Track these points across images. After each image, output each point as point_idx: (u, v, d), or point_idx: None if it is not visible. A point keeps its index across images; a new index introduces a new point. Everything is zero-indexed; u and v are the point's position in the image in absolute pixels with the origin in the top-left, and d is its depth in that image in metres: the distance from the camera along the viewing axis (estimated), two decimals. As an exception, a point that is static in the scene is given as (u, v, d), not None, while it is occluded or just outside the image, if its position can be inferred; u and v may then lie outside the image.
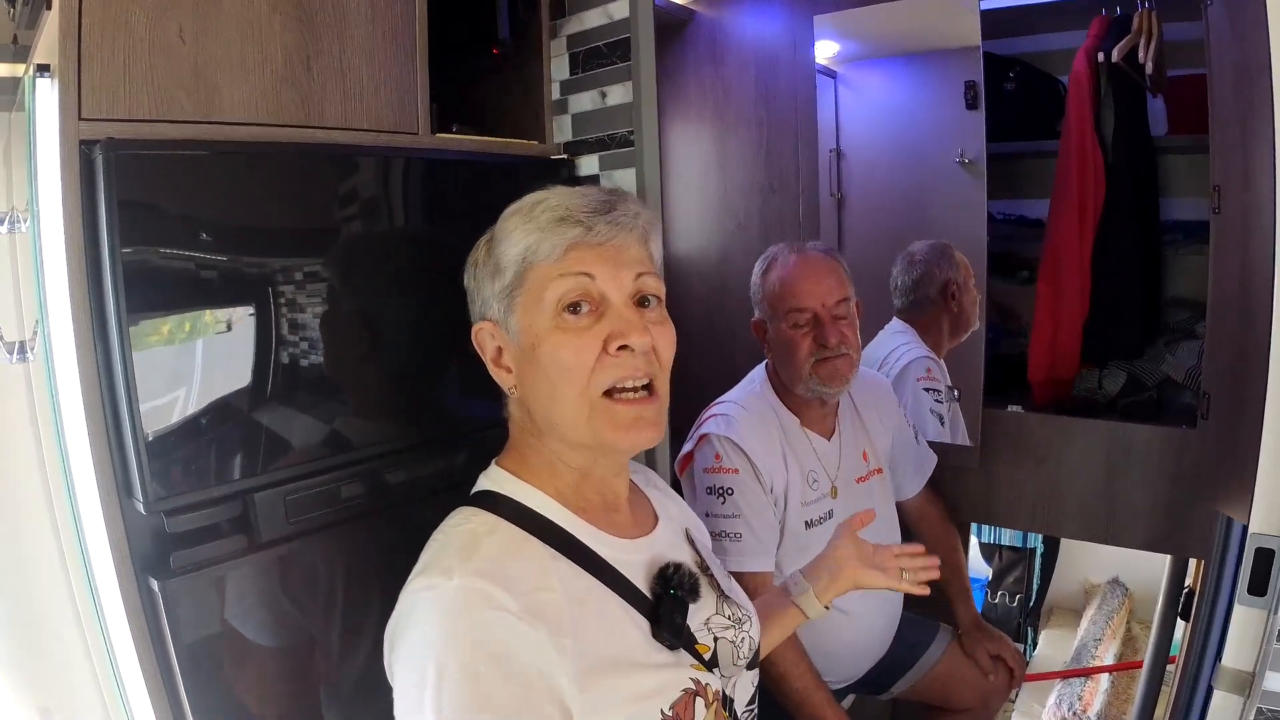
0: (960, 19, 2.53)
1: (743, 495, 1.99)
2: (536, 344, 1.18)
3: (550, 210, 1.19)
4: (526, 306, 1.19)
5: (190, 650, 1.33)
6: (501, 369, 1.25)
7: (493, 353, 1.25)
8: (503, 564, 1.11)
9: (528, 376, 1.21)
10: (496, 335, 1.24)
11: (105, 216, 1.22)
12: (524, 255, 1.19)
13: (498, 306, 1.22)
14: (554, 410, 1.19)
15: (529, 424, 1.25)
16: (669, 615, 1.23)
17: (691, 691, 1.20)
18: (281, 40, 1.45)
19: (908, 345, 2.65)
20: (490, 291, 1.23)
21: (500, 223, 1.24)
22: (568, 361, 1.17)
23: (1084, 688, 3.28)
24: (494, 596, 1.06)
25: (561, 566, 1.17)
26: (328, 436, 1.49)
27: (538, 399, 1.21)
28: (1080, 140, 2.55)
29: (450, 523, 1.21)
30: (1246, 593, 1.51)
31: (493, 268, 1.22)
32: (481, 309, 1.26)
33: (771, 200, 2.92)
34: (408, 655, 1.07)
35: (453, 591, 1.06)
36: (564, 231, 1.17)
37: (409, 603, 1.10)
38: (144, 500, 1.28)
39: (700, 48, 3.00)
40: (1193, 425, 2.23)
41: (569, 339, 1.17)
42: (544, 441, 1.24)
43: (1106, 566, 3.98)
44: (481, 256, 1.26)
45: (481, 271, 1.25)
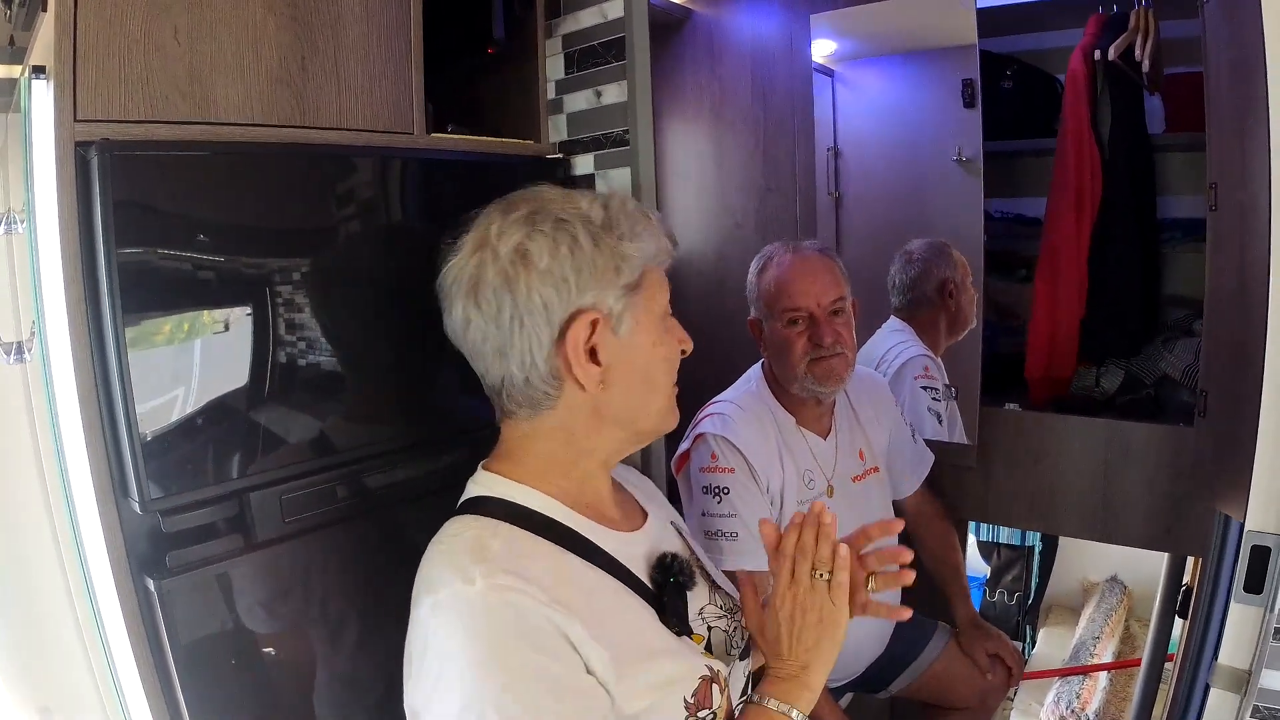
0: (957, 17, 2.53)
1: (739, 494, 1.99)
2: (655, 341, 1.25)
3: (662, 221, 1.28)
4: (645, 307, 1.22)
5: (187, 649, 1.34)
6: (591, 364, 1.19)
7: (586, 347, 1.18)
8: (518, 563, 1.11)
9: (625, 374, 1.22)
10: (599, 328, 1.18)
11: (100, 217, 1.23)
12: (651, 256, 1.23)
13: (614, 300, 1.19)
14: (647, 403, 1.26)
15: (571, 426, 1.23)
16: (674, 602, 1.26)
17: (708, 678, 1.22)
18: (276, 40, 1.45)
19: (905, 344, 2.65)
20: (604, 283, 1.18)
21: (602, 216, 1.20)
22: (672, 359, 1.29)
23: (1082, 686, 3.28)
24: (525, 590, 1.07)
25: (572, 562, 1.19)
26: (323, 436, 1.49)
27: (632, 396, 1.24)
28: (1077, 138, 2.55)
29: (449, 532, 1.19)
30: (1243, 590, 1.51)
31: (612, 261, 1.18)
32: (573, 301, 1.17)
33: (769, 199, 2.92)
34: (450, 669, 1.05)
35: (481, 594, 1.06)
36: (673, 247, 1.29)
37: (435, 619, 1.08)
38: (140, 500, 1.29)
39: (697, 47, 3.01)
40: (1190, 423, 2.23)
41: (671, 339, 1.28)
42: (573, 444, 1.25)
43: (1105, 564, 3.97)
44: (582, 246, 1.17)
45: (581, 260, 1.17)
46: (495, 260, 1.16)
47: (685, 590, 1.29)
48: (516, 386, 1.20)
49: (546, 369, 1.18)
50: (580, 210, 1.20)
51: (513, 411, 1.24)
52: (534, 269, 1.15)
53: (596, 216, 1.19)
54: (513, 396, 1.22)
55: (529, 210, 1.19)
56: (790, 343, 2.03)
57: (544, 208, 1.19)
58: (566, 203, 1.21)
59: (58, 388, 1.37)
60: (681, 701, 1.18)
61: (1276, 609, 1.48)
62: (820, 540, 1.28)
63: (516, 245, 1.16)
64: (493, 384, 1.23)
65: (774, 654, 1.26)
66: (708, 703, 1.21)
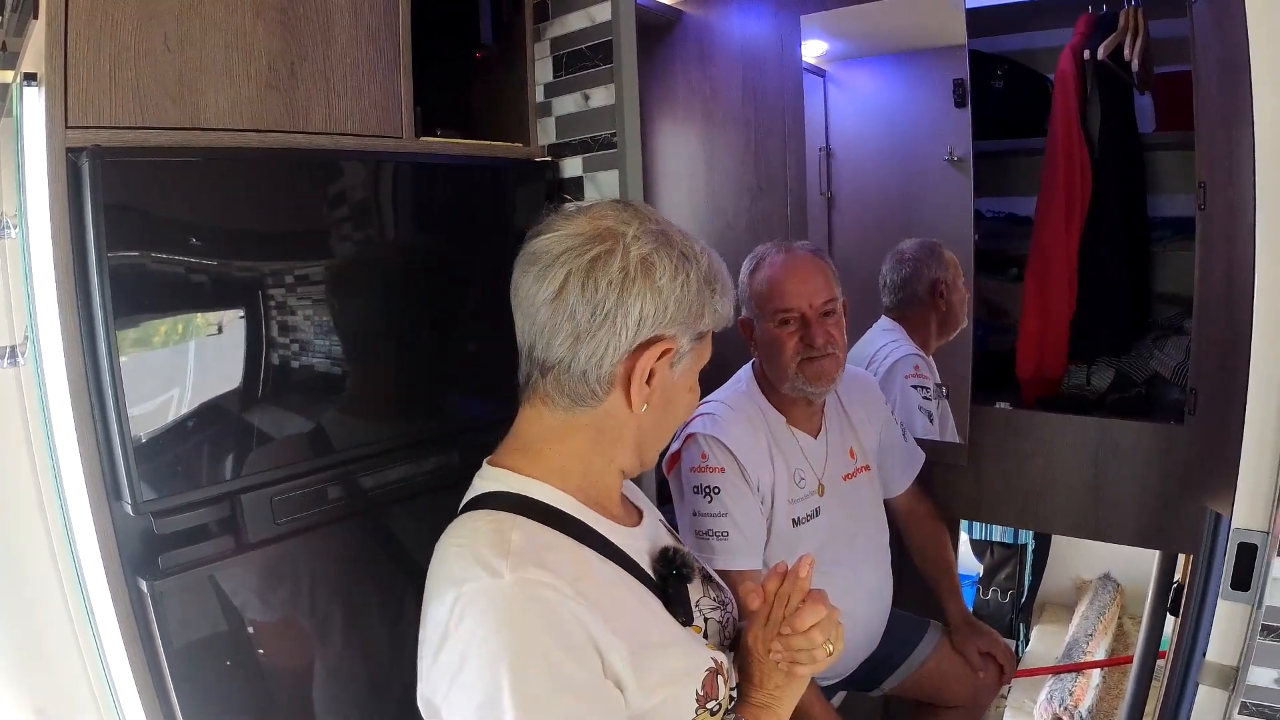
0: (947, 17, 2.53)
1: (729, 494, 1.99)
2: (690, 388, 1.31)
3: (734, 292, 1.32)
4: (697, 357, 1.28)
5: (179, 650, 1.35)
6: (645, 386, 1.22)
7: (649, 370, 1.21)
8: (541, 555, 1.12)
9: (663, 406, 1.27)
10: (666, 357, 1.22)
11: (92, 223, 1.24)
12: (721, 319, 1.29)
13: (687, 341, 1.23)
14: (660, 437, 1.34)
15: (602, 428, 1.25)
16: (678, 593, 1.30)
17: (714, 670, 1.24)
18: (265, 46, 1.46)
19: (896, 343, 2.66)
20: (688, 322, 1.22)
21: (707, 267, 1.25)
22: (692, 409, 1.38)
23: (1075, 683, 3.29)
24: (552, 584, 1.08)
25: (587, 555, 1.20)
26: (314, 438, 1.50)
27: (658, 427, 1.31)
28: (1067, 137, 2.55)
29: (465, 528, 1.19)
30: (1230, 588, 1.52)
31: (703, 308, 1.24)
32: (660, 325, 1.19)
33: (760, 199, 2.92)
34: (472, 665, 1.05)
35: (508, 588, 1.06)
36: (733, 315, 1.34)
37: (456, 609, 1.08)
38: (132, 502, 1.30)
39: (688, 48, 3.01)
40: (1181, 421, 2.24)
41: (697, 390, 1.34)
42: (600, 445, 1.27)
43: (1098, 562, 3.98)
44: (690, 284, 1.21)
45: (686, 295, 1.20)
46: (624, 255, 1.17)
47: (687, 582, 1.32)
48: (570, 375, 1.20)
49: (608, 372, 1.19)
50: (695, 252, 1.24)
51: (549, 398, 1.23)
52: (651, 282, 1.17)
53: (704, 264, 1.24)
54: (559, 383, 1.21)
55: (661, 229, 1.22)
56: (782, 343, 2.04)
57: (671, 234, 1.23)
58: (687, 240, 1.25)
59: (50, 391, 1.38)
60: (694, 695, 1.20)
61: (1264, 606, 1.49)
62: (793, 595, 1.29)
63: (647, 255, 1.18)
64: (544, 361, 1.22)
65: (746, 680, 1.32)
66: (715, 694, 1.23)
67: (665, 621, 1.25)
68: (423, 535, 1.21)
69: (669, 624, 1.25)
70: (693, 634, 1.29)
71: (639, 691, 1.12)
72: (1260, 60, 1.42)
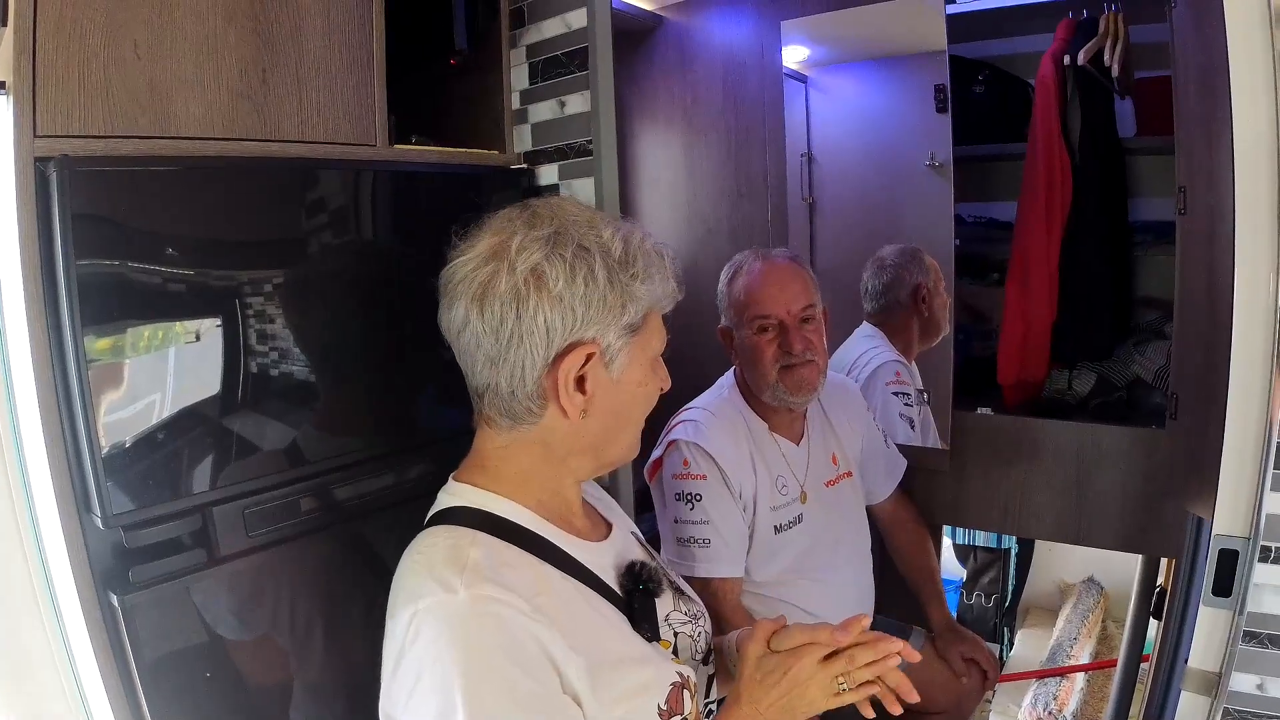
0: (928, 23, 2.53)
1: (711, 501, 1.99)
2: (641, 381, 1.26)
3: (674, 264, 1.27)
4: (641, 347, 1.23)
5: (151, 664, 1.34)
6: (578, 393, 1.19)
7: (576, 376, 1.18)
8: (499, 572, 1.11)
9: (606, 408, 1.23)
10: (593, 360, 1.18)
11: (60, 233, 1.22)
12: (655, 301, 1.24)
13: (615, 337, 1.19)
14: (619, 437, 1.29)
15: (549, 442, 1.24)
16: (644, 610, 1.28)
17: (679, 685, 1.23)
18: (237, 54, 1.45)
19: (877, 349, 2.66)
20: (608, 319, 1.18)
21: (622, 251, 1.19)
22: (651, 399, 1.30)
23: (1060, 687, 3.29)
24: (506, 600, 1.07)
25: (548, 571, 1.19)
26: (287, 449, 1.49)
27: (607, 429, 1.26)
28: (1047, 142, 2.55)
29: (425, 543, 1.19)
30: (1211, 594, 1.52)
31: (621, 299, 1.18)
32: (576, 331, 1.16)
33: (741, 205, 2.92)
34: (427, 679, 1.05)
35: (462, 604, 1.06)
36: (680, 293, 1.28)
37: (412, 629, 1.07)
38: (101, 515, 1.28)
39: (668, 53, 3.01)
40: (1162, 425, 2.24)
41: (655, 380, 1.29)
42: (551, 458, 1.25)
43: (1082, 566, 3.99)
44: (596, 279, 1.16)
45: (592, 294, 1.16)
46: (510, 274, 1.14)
47: (654, 597, 1.31)
48: (501, 397, 1.20)
49: (534, 389, 1.18)
50: (602, 240, 1.18)
51: (492, 419, 1.24)
52: (546, 293, 1.14)
53: (616, 250, 1.18)
54: (495, 404, 1.21)
55: (553, 230, 1.17)
56: (760, 350, 2.04)
57: (567, 229, 1.18)
58: (590, 229, 1.19)
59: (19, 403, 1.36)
60: (655, 709, 1.19)
61: (1245, 612, 1.49)
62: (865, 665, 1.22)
63: (535, 266, 1.14)
64: (477, 387, 1.23)
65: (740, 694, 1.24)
66: (679, 708, 1.22)
67: (627, 636, 1.23)
68: (398, 546, 1.20)
69: (631, 639, 1.24)
70: (658, 649, 1.27)
71: (598, 706, 1.11)
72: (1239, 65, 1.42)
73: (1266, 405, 1.45)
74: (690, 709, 1.25)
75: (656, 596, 1.31)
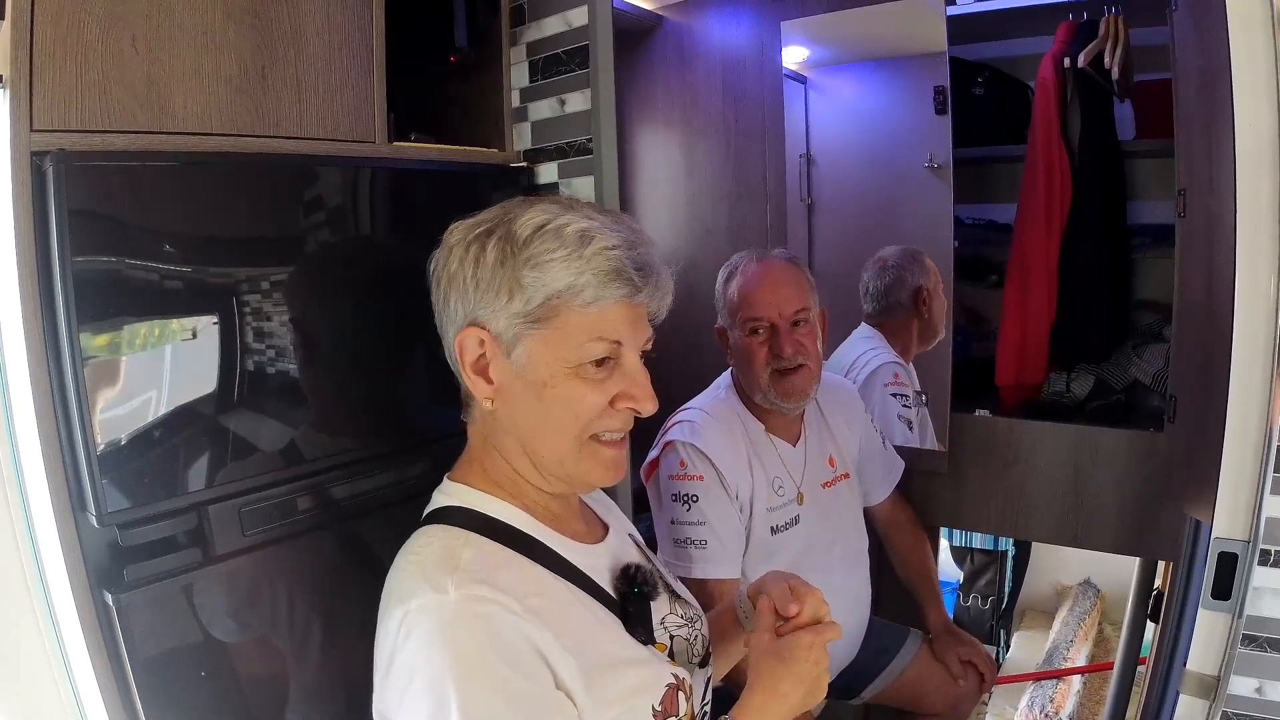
0: (928, 24, 2.53)
1: (708, 502, 1.99)
2: (548, 382, 1.17)
3: (603, 256, 1.13)
4: (548, 343, 1.16)
5: (146, 664, 1.32)
6: (481, 378, 1.18)
7: (474, 360, 1.17)
8: (490, 573, 1.11)
9: (520, 403, 1.19)
10: (487, 346, 1.17)
11: (56, 228, 1.21)
12: (561, 292, 1.13)
13: (505, 324, 1.15)
14: (541, 443, 1.21)
15: (499, 438, 1.23)
16: (639, 613, 1.27)
17: (674, 686, 1.23)
18: (236, 49, 1.44)
19: (875, 350, 2.66)
20: (495, 304, 1.14)
21: (527, 234, 1.14)
22: (578, 410, 1.18)
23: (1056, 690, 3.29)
24: (497, 600, 1.07)
25: (540, 573, 1.19)
26: (283, 448, 1.48)
27: (525, 427, 1.20)
28: (1046, 144, 2.56)
29: (418, 543, 1.19)
30: (1210, 597, 1.52)
31: (508, 282, 1.13)
32: (470, 312, 1.16)
33: (740, 206, 2.92)
34: (419, 680, 1.05)
35: (454, 605, 1.06)
36: (614, 289, 1.15)
37: (404, 629, 1.07)
38: (96, 513, 1.27)
39: (668, 53, 3.01)
40: (1160, 428, 2.24)
41: (586, 390, 1.18)
42: (510, 456, 1.23)
43: (1079, 568, 3.99)
44: (486, 259, 1.14)
45: (481, 274, 1.14)
46: (437, 257, 1.22)
47: (649, 600, 1.30)
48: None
49: (458, 372, 1.21)
50: (514, 224, 1.15)
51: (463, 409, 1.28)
52: (447, 273, 1.19)
53: (522, 234, 1.14)
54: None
55: (487, 215, 1.20)
56: (752, 352, 2.04)
57: (500, 215, 1.18)
58: (519, 214, 1.16)
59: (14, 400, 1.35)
60: (650, 710, 1.19)
61: (1244, 615, 1.49)
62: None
63: (453, 245, 1.19)
64: None
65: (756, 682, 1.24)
66: (674, 710, 1.22)
67: (621, 639, 1.23)
68: (394, 546, 1.20)
69: (625, 641, 1.23)
70: (653, 651, 1.27)
71: (592, 707, 1.11)
72: (1240, 67, 1.42)
73: (1267, 408, 1.45)
74: (685, 710, 1.24)
75: (652, 600, 1.31)
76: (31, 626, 1.43)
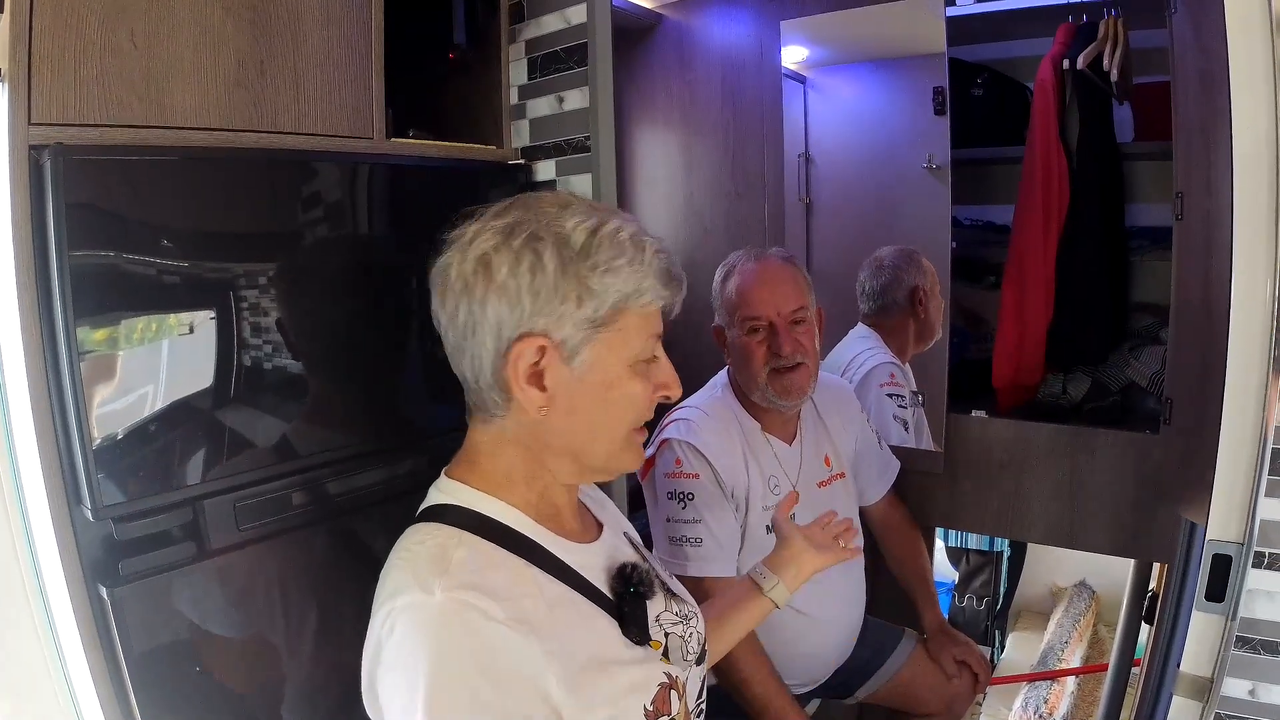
0: (927, 25, 2.54)
1: (704, 500, 1.99)
2: (613, 383, 1.19)
3: (658, 259, 1.18)
4: (611, 345, 1.17)
5: (140, 658, 1.33)
6: (534, 389, 1.15)
7: (529, 370, 1.15)
8: (481, 574, 1.10)
9: (578, 406, 1.18)
10: (547, 353, 1.14)
11: (53, 222, 1.21)
12: (628, 295, 1.16)
13: (571, 331, 1.13)
14: (594, 441, 1.22)
15: (537, 443, 1.21)
16: (634, 612, 1.26)
17: (666, 685, 1.23)
18: (234, 44, 1.44)
19: (871, 351, 2.66)
20: (560, 311, 1.13)
21: (583, 240, 1.14)
22: (638, 405, 1.22)
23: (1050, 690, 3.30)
24: (481, 607, 1.06)
25: (534, 573, 1.18)
26: (279, 442, 1.48)
27: (581, 429, 1.20)
28: (1045, 146, 2.55)
29: (411, 540, 1.18)
30: (1204, 599, 1.52)
31: (575, 289, 1.12)
32: (523, 321, 1.13)
33: (738, 205, 2.92)
34: (395, 676, 1.06)
35: (438, 606, 1.05)
36: (669, 290, 1.20)
37: (388, 624, 1.08)
38: (92, 507, 1.27)
39: (667, 51, 3.01)
40: (1156, 430, 2.24)
41: (641, 385, 1.21)
42: (548, 458, 1.23)
43: (1074, 569, 4.00)
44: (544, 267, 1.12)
45: (540, 282, 1.12)
46: (461, 263, 1.14)
47: (645, 600, 1.29)
48: (470, 389, 1.20)
49: (493, 380, 1.16)
50: (563, 230, 1.14)
51: (473, 413, 1.24)
52: (491, 281, 1.12)
53: (577, 239, 1.13)
54: (469, 396, 1.22)
55: (514, 219, 1.15)
56: (750, 351, 2.04)
57: (528, 219, 1.15)
58: (555, 219, 1.15)
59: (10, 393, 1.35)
60: (641, 710, 1.19)
61: (1238, 618, 1.49)
62: None
63: (482, 254, 1.13)
64: (457, 377, 1.22)
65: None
66: (666, 709, 1.22)
67: (613, 640, 1.22)
68: (389, 541, 1.20)
69: (618, 642, 1.23)
70: (647, 650, 1.26)
71: (580, 709, 1.10)
72: (1239, 71, 1.42)
73: (1262, 411, 1.45)
74: (678, 709, 1.25)
75: (648, 599, 1.30)
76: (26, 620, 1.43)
